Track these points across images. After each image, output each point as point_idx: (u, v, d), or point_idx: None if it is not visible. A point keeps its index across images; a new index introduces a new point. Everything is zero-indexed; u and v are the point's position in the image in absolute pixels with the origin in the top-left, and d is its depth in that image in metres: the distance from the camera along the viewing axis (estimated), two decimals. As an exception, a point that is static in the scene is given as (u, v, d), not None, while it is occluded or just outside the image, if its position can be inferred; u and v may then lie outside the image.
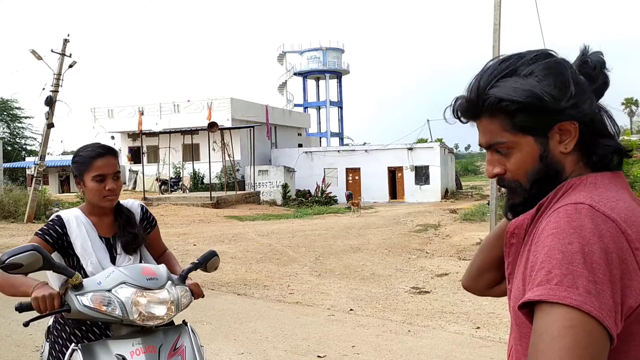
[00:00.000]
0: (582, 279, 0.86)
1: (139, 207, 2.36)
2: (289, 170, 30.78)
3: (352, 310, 6.42)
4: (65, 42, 17.93)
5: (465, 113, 1.08)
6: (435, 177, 31.28)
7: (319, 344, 4.98)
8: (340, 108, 51.69)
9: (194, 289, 2.18)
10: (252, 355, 4.69)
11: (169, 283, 2.05)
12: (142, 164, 29.13)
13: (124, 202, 2.34)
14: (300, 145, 38.85)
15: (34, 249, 1.80)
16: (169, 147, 29.53)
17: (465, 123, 1.10)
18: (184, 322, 2.17)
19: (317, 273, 9.09)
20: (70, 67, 18.08)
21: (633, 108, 67.57)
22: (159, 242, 2.47)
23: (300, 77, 50.40)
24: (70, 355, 1.96)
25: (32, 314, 1.88)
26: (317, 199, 29.78)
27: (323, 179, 32.27)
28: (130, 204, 2.34)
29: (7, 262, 1.77)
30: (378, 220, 18.86)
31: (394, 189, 32.33)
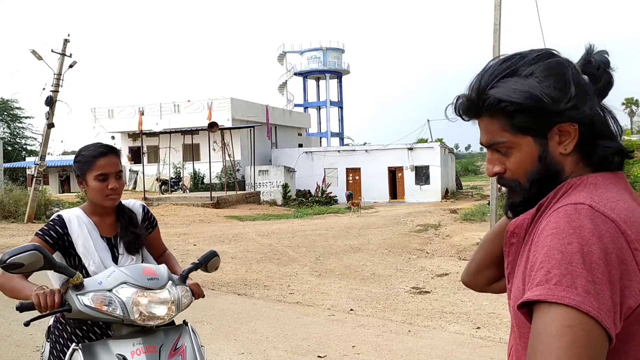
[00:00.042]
0: (581, 279, 0.86)
1: (141, 207, 2.37)
2: (289, 170, 30.78)
3: (352, 310, 6.42)
4: (66, 42, 17.94)
5: (467, 112, 1.09)
6: (436, 177, 31.28)
7: (319, 344, 4.98)
8: (341, 108, 51.68)
9: (195, 289, 2.18)
10: (252, 355, 4.69)
11: (170, 283, 2.05)
12: (142, 164, 29.13)
13: (126, 202, 2.35)
14: (301, 145, 38.85)
15: (35, 249, 1.80)
16: (169, 147, 29.55)
17: (467, 121, 1.10)
18: (185, 322, 2.17)
19: (317, 273, 9.09)
20: (71, 67, 18.09)
21: (633, 108, 67.58)
22: (159, 242, 2.48)
23: (301, 77, 50.38)
24: (71, 355, 1.96)
25: (32, 314, 1.88)
26: (317, 199, 29.79)
27: (323, 179, 32.27)
28: (132, 204, 2.35)
29: (8, 261, 1.77)
30: (378, 220, 18.85)
31: (394, 189, 32.33)
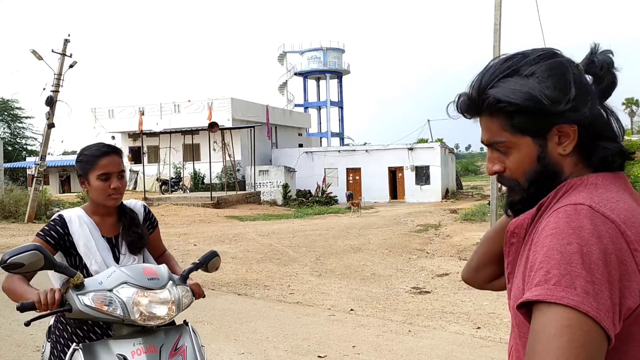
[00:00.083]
0: (580, 280, 0.86)
1: (142, 207, 2.37)
2: (290, 170, 30.78)
3: (352, 311, 6.42)
4: (66, 42, 17.94)
5: (467, 110, 1.09)
6: (436, 177, 31.28)
7: (320, 344, 4.98)
8: (341, 108, 51.67)
9: (195, 289, 2.18)
10: (252, 355, 4.69)
11: (170, 283, 2.05)
12: (142, 164, 29.14)
13: (127, 202, 2.35)
14: (301, 145, 38.84)
15: (36, 249, 1.80)
16: (170, 147, 29.56)
17: (469, 119, 1.10)
18: (185, 322, 2.17)
19: (317, 273, 9.09)
20: (71, 67, 18.09)
21: (634, 108, 67.58)
22: (159, 242, 2.49)
23: (301, 77, 50.37)
24: (72, 355, 1.96)
25: (33, 314, 1.88)
26: (317, 199, 29.79)
27: (323, 179, 32.27)
28: (134, 204, 2.35)
29: (8, 261, 1.77)
30: (378, 221, 18.85)
31: (395, 189, 32.33)
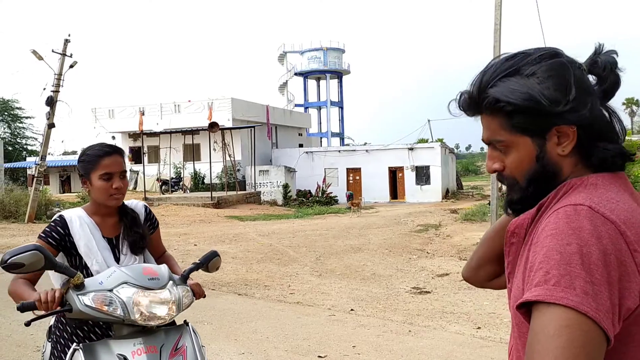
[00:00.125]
0: (579, 280, 0.86)
1: (143, 207, 2.38)
2: (290, 171, 30.78)
3: (352, 311, 6.42)
4: (66, 42, 17.96)
5: (468, 108, 1.10)
6: (436, 177, 31.28)
7: (320, 344, 4.98)
8: (341, 108, 51.68)
9: (195, 289, 2.18)
10: (252, 356, 4.69)
11: (171, 283, 2.06)
12: (142, 164, 29.14)
13: (128, 202, 2.35)
14: (301, 146, 38.85)
15: (36, 249, 1.81)
16: (170, 147, 29.56)
17: (471, 116, 1.11)
18: (186, 322, 2.17)
19: (317, 273, 9.09)
20: (71, 67, 18.11)
21: (634, 108, 67.59)
22: (159, 243, 2.49)
23: (301, 77, 50.38)
24: (72, 355, 1.96)
25: (33, 314, 1.88)
26: (317, 199, 29.80)
27: (324, 179, 32.28)
28: (135, 205, 2.35)
29: (8, 261, 1.78)
30: (379, 221, 18.85)
31: (395, 189, 32.33)
